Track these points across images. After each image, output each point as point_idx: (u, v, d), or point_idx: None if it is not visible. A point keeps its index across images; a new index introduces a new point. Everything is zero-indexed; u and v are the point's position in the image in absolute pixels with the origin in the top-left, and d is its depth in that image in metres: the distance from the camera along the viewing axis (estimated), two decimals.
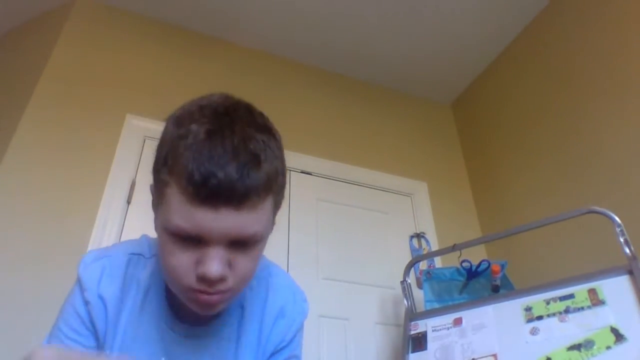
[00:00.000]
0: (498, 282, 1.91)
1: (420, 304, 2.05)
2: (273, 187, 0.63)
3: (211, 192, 0.57)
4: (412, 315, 1.92)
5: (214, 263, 0.60)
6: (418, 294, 2.11)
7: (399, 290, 2.14)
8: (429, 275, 2.05)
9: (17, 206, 1.87)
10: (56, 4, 2.55)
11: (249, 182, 0.58)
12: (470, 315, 1.74)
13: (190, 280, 0.62)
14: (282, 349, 0.85)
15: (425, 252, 2.45)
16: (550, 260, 2.22)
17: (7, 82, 2.38)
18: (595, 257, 1.97)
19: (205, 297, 0.63)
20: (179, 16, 2.67)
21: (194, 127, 0.60)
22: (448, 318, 1.79)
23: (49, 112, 2.12)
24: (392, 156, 2.83)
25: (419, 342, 1.80)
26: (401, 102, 3.13)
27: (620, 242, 1.55)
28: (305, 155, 2.50)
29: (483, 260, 1.99)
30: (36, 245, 1.82)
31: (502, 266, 1.92)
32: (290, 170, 2.46)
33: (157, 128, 2.43)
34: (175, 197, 0.60)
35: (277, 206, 0.68)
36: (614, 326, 1.42)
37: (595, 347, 1.42)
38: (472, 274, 1.99)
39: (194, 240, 0.61)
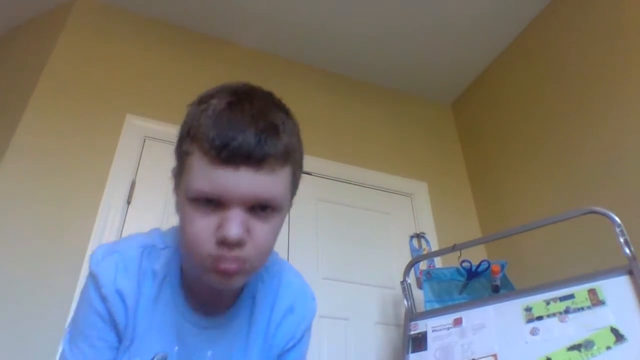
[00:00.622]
0: (498, 282, 1.91)
1: (420, 304, 2.05)
2: (291, 159, 0.67)
3: (231, 153, 0.60)
4: (412, 315, 1.92)
5: (233, 224, 0.62)
6: (418, 294, 2.11)
7: (399, 290, 2.14)
8: (429, 276, 2.05)
9: (16, 208, 1.87)
10: (56, 3, 2.55)
11: (267, 148, 0.62)
12: (470, 316, 1.74)
13: (210, 247, 0.63)
14: (291, 347, 0.85)
15: (425, 252, 2.45)
16: (551, 261, 2.22)
17: (6, 82, 2.38)
18: (595, 257, 1.97)
19: (224, 265, 0.63)
20: (179, 16, 2.67)
21: (214, 100, 0.64)
22: (448, 318, 1.78)
23: (48, 112, 2.12)
24: (392, 156, 2.83)
25: (419, 342, 1.79)
26: (401, 102, 3.12)
27: (620, 242, 1.55)
28: (305, 155, 2.49)
29: (483, 261, 1.99)
30: (36, 246, 1.82)
31: (502, 266, 1.92)
32: None
33: (157, 128, 2.44)
34: (196, 162, 0.63)
35: (294, 183, 0.72)
36: (614, 326, 1.42)
37: (595, 348, 1.42)
38: (472, 274, 1.99)
39: (214, 205, 0.63)
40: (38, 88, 2.15)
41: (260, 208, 0.64)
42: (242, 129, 0.61)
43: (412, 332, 1.86)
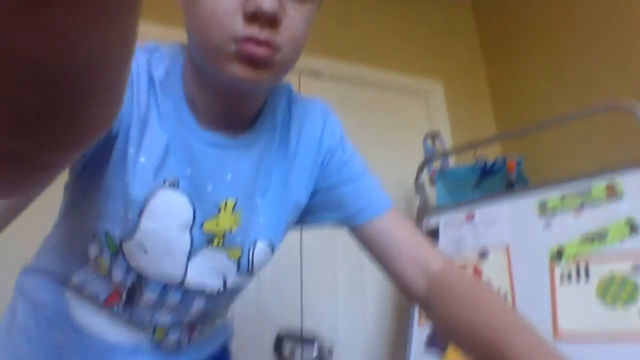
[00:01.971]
0: (513, 179, 1.87)
1: (433, 202, 2.05)
2: None
3: None
4: (425, 211, 1.92)
5: None
6: (431, 193, 2.09)
7: (411, 188, 2.12)
8: (443, 174, 2.03)
9: None
10: None
11: None
12: (483, 211, 1.72)
13: (235, 25, 0.52)
14: (337, 157, 0.79)
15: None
16: (568, 158, 2.16)
17: None
18: (615, 154, 1.91)
19: (251, 48, 0.52)
20: None
21: None
22: (461, 213, 1.78)
23: None
24: (409, 57, 2.69)
25: (430, 237, 1.80)
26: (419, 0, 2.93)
27: None
28: (313, 55, 2.38)
29: (498, 158, 1.95)
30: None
31: (519, 163, 1.88)
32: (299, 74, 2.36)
33: None
34: None
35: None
36: (630, 217, 1.40)
37: (608, 238, 1.41)
38: (486, 172, 1.95)
39: None
40: None
41: None
42: None
43: (423, 228, 1.86)
